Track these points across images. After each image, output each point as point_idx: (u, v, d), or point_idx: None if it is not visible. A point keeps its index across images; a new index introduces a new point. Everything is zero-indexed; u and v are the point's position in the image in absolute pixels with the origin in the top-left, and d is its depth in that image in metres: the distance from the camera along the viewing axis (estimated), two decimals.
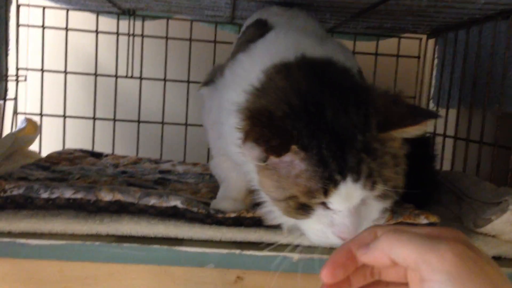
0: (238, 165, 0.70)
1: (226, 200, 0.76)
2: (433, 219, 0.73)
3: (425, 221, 0.72)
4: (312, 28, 0.85)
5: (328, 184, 0.53)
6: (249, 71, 0.67)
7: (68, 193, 0.71)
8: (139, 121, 1.31)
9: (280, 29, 0.77)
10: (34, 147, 1.17)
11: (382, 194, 0.56)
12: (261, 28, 0.81)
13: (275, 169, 0.57)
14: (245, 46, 0.75)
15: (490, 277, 0.37)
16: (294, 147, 0.55)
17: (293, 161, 0.55)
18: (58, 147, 1.24)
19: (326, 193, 0.54)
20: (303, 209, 0.56)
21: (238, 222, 0.72)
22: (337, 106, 0.57)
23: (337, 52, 0.72)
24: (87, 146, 1.27)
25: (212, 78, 0.81)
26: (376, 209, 0.58)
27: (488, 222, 0.75)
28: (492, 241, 0.74)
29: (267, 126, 0.54)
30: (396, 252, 0.39)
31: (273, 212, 0.64)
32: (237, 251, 0.67)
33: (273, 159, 0.56)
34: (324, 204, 0.56)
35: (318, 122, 0.56)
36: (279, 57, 0.66)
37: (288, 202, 0.56)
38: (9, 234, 0.66)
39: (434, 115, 0.60)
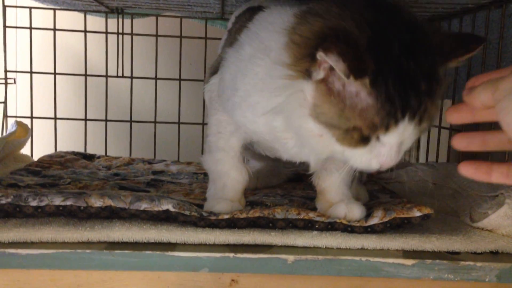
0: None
1: (223, 201, 0.75)
2: (426, 211, 0.72)
3: (418, 213, 0.72)
4: None
5: (391, 121, 0.57)
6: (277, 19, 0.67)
7: (58, 200, 0.69)
8: (131, 121, 1.29)
9: None
10: (25, 150, 1.16)
11: (423, 129, 0.60)
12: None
13: (339, 97, 0.57)
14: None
15: None
16: (367, 80, 0.55)
17: (360, 93, 0.56)
18: (50, 150, 1.22)
19: (387, 128, 0.57)
20: (363, 140, 0.59)
21: (231, 224, 0.71)
22: (404, 42, 0.57)
23: None
24: (80, 148, 1.25)
25: (217, 68, 0.78)
26: (413, 140, 0.62)
27: (485, 217, 0.74)
28: (488, 235, 0.73)
29: (353, 49, 0.55)
30: (481, 96, 0.50)
31: (303, 150, 0.68)
32: (231, 255, 0.66)
33: (338, 85, 0.57)
34: (377, 137, 0.59)
35: (387, 57, 0.57)
36: None
37: (351, 133, 0.58)
38: None
39: (482, 40, 0.63)
